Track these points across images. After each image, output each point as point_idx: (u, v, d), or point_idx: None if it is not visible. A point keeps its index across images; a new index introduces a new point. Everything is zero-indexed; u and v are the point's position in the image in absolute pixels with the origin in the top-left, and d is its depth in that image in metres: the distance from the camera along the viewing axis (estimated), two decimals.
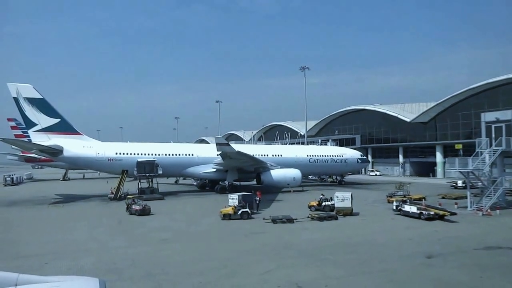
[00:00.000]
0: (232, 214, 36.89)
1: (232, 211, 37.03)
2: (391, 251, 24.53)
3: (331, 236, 29.27)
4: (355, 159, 79.38)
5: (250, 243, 27.45)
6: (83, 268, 21.41)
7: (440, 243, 26.47)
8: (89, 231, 32.91)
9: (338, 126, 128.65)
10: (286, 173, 62.57)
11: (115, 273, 20.31)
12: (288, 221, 34.75)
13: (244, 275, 19.91)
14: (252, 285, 18.30)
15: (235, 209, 37.24)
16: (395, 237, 28.78)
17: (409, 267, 21.01)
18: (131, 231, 32.61)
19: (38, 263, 22.62)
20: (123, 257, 23.88)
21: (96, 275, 19.44)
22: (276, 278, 19.21)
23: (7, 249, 26.37)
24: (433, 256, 23.10)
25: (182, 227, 33.98)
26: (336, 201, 38.74)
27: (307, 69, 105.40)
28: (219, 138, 55.79)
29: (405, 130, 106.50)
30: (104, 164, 60.14)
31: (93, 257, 23.89)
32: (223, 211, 37.33)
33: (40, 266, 21.91)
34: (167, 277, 19.68)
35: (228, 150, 52.72)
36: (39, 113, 56.91)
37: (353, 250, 25.00)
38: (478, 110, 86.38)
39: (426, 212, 34.86)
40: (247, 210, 37.50)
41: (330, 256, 23.47)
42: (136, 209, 40.46)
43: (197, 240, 29.06)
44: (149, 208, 41.09)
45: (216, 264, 22.09)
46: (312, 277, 19.32)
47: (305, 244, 26.69)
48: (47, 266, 22.02)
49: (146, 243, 28.03)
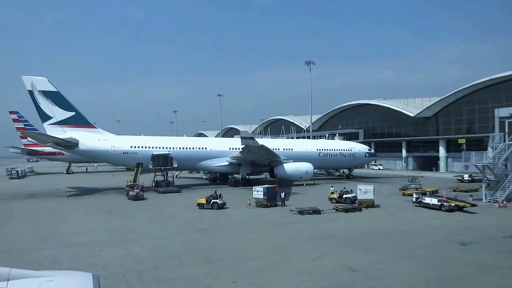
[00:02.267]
0: (205, 203, 39.59)
1: (205, 201, 39.75)
2: (425, 239, 25.90)
3: (362, 226, 30.58)
4: (363, 153, 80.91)
5: (288, 233, 28.69)
6: (140, 255, 22.50)
7: (469, 232, 27.92)
8: (123, 222, 33.99)
9: (341, 121, 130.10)
10: (299, 167, 63.73)
11: (175, 259, 21.50)
12: (315, 212, 36.05)
13: (297, 260, 21.14)
14: (309, 269, 19.53)
15: (208, 199, 39.86)
16: (423, 227, 30.16)
17: (448, 253, 22.37)
18: (166, 222, 33.73)
19: (93, 250, 23.68)
20: (173, 245, 25.06)
21: (159, 261, 20.83)
22: (328, 263, 20.46)
23: (56, 238, 27.40)
24: (466, 243, 24.54)
25: (213, 218, 35.05)
26: (359, 193, 40.08)
27: (312, 64, 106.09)
28: (244, 132, 57.11)
29: (408, 125, 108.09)
30: (119, 157, 60.95)
31: (143, 245, 24.99)
32: (198, 200, 40.48)
33: (96, 253, 23.02)
34: (225, 262, 20.87)
35: (252, 143, 53.80)
36: (54, 106, 57.34)
37: (389, 238, 26.32)
38: (482, 106, 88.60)
39: (447, 204, 36.28)
40: (217, 201, 39.67)
41: (370, 243, 24.78)
42: (132, 194, 47.91)
43: (234, 229, 30.25)
44: (142, 195, 48.38)
45: (265, 251, 23.31)
46: (362, 262, 20.58)
47: (341, 233, 27.98)
48: (102, 253, 23.07)
49: (186, 232, 29.17)
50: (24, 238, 27.55)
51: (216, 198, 39.82)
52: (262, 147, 55.11)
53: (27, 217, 36.76)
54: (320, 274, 18.77)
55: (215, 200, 39.58)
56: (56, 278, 6.31)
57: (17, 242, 26.28)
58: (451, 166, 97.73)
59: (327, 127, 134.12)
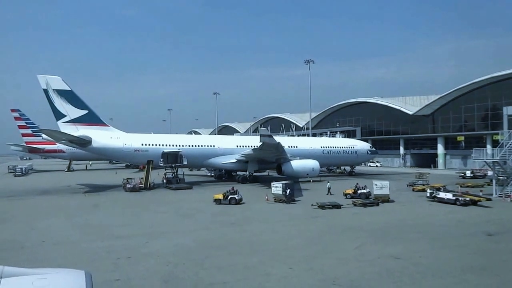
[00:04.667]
0: (222, 199, 40.60)
1: (222, 196, 40.75)
2: (452, 230, 27.35)
3: (387, 219, 31.95)
4: (365, 151, 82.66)
5: (318, 225, 29.89)
6: (188, 246, 23.58)
7: (491, 224, 29.45)
8: (151, 216, 34.97)
9: (338, 119, 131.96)
10: (306, 164, 65.00)
11: (223, 250, 22.58)
12: (334, 207, 37.33)
13: (339, 250, 22.38)
14: (354, 257, 20.76)
15: (225, 194, 40.98)
16: (445, 219, 31.65)
17: (479, 242, 23.84)
18: (192, 216, 34.68)
19: (139, 242, 24.62)
20: (213, 237, 26.16)
21: (209, 251, 21.94)
22: (370, 252, 21.71)
23: (97, 231, 28.34)
24: (492, 234, 26.01)
25: (237, 212, 36.12)
26: (375, 189, 41.47)
27: (312, 62, 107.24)
28: (263, 130, 58.03)
29: (406, 123, 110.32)
30: (130, 154, 61.81)
31: (185, 237, 26.00)
32: (214, 196, 41.38)
33: (143, 244, 24.00)
34: (272, 252, 22.00)
35: (269, 141, 54.96)
36: (67, 104, 58.08)
37: (416, 230, 27.67)
38: (481, 103, 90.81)
39: (462, 198, 37.82)
40: (235, 196, 40.84)
41: (400, 235, 26.11)
42: (129, 187, 54.02)
43: (263, 223, 31.41)
44: (138, 188, 54.23)
45: (304, 242, 24.52)
46: (401, 251, 21.86)
47: (369, 226, 29.27)
48: (150, 244, 24.06)
49: (219, 226, 30.18)
50: (67, 231, 28.46)
51: (234, 194, 40.88)
52: (279, 145, 56.36)
53: (56, 212, 37.32)
54: (367, 261, 20.00)
55: (233, 196, 40.70)
56: (49, 275, 6.28)
57: (63, 235, 27.17)
58: (449, 163, 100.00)
59: (324, 124, 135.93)
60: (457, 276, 17.69)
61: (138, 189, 54.56)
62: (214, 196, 41.60)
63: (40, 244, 24.72)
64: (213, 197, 41.42)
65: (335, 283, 16.79)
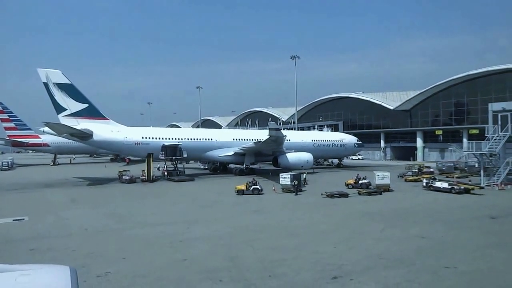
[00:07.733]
0: (245, 190, 42.68)
1: (245, 187, 42.84)
2: (458, 215, 30.48)
3: (395, 206, 34.90)
4: (353, 144, 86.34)
5: (336, 212, 32.40)
6: (228, 231, 25.55)
7: (490, 209, 32.82)
8: (172, 206, 36.72)
9: (320, 113, 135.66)
10: (300, 157, 67.77)
11: (263, 233, 24.81)
12: (342, 196, 40.09)
13: (368, 232, 24.93)
14: (384, 238, 23.36)
15: (248, 185, 43.05)
16: (448, 206, 34.85)
17: (486, 224, 26.98)
18: (211, 207, 36.32)
19: (179, 229, 26.39)
20: (246, 223, 28.23)
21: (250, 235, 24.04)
22: (394, 235, 24.30)
23: (129, 220, 29.98)
24: (495, 217, 29.24)
25: (254, 201, 38.29)
26: (377, 179, 44.54)
27: (297, 58, 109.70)
28: (273, 124, 60.37)
29: (386, 117, 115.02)
30: (131, 147, 62.94)
31: (221, 224, 27.95)
32: (237, 187, 43.14)
33: (185, 231, 25.83)
34: (309, 235, 24.31)
35: (276, 134, 57.33)
36: (68, 98, 58.60)
37: (427, 215, 30.64)
38: (459, 99, 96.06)
39: (457, 187, 41.30)
40: (257, 186, 43.18)
41: (415, 219, 28.97)
42: (126, 178, 56.50)
43: (284, 210, 33.74)
44: (135, 179, 56.89)
45: (332, 226, 26.99)
46: (422, 232, 24.61)
47: (382, 211, 32.08)
48: (191, 230, 25.98)
49: (244, 214, 32.27)
50: (101, 220, 29.86)
51: (255, 185, 43.11)
52: (284, 139, 58.98)
53: (76, 204, 38.47)
54: (396, 240, 22.65)
55: (256, 186, 43.01)
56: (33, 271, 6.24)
57: (100, 224, 28.66)
58: (427, 156, 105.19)
59: (307, 118, 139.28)
60: (481, 250, 20.53)
61: (135, 180, 57.02)
62: (237, 187, 43.08)
63: (85, 231, 26.08)
64: (235, 188, 42.92)
65: (382, 257, 19.29)
